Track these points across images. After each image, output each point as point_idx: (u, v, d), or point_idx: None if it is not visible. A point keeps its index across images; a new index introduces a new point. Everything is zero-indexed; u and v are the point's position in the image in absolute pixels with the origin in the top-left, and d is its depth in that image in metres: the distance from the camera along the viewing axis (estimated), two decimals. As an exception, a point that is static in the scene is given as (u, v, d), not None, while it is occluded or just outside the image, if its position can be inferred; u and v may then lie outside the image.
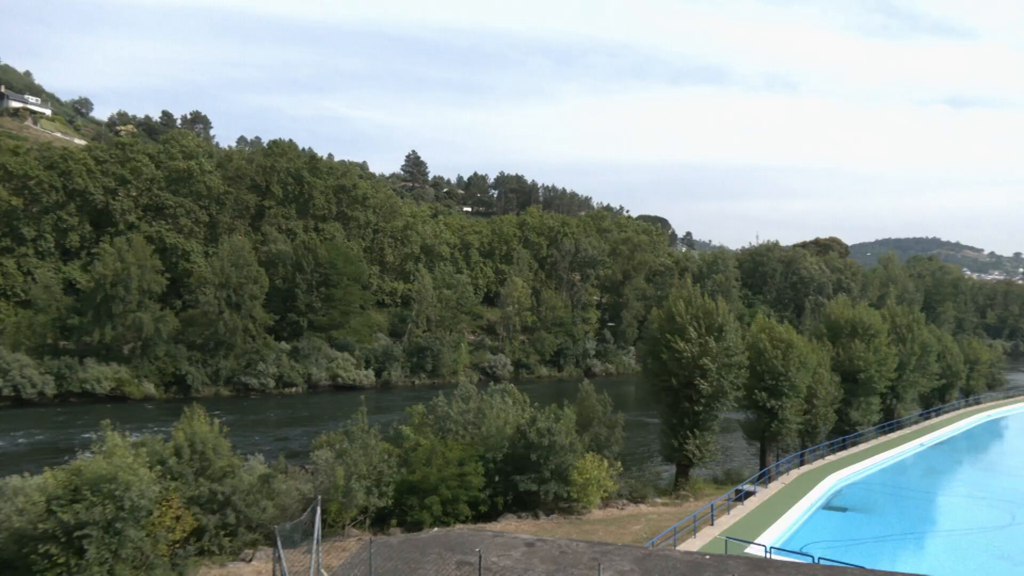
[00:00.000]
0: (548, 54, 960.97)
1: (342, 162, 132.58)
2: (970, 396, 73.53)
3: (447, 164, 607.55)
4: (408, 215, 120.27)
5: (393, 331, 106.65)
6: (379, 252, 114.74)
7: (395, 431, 37.83)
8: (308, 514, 22.88)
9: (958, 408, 66.82)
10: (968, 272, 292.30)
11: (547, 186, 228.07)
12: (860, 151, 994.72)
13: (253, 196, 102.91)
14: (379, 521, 32.78)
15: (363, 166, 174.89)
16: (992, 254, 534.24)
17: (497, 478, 35.30)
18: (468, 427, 38.79)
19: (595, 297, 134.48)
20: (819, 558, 23.15)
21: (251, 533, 28.69)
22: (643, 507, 37.90)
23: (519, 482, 34.81)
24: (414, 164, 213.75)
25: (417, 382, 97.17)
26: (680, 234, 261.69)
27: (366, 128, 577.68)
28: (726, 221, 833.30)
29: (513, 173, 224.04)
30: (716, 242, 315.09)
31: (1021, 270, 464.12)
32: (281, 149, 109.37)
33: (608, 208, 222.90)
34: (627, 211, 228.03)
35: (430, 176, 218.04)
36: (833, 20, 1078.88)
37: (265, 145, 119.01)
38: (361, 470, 30.51)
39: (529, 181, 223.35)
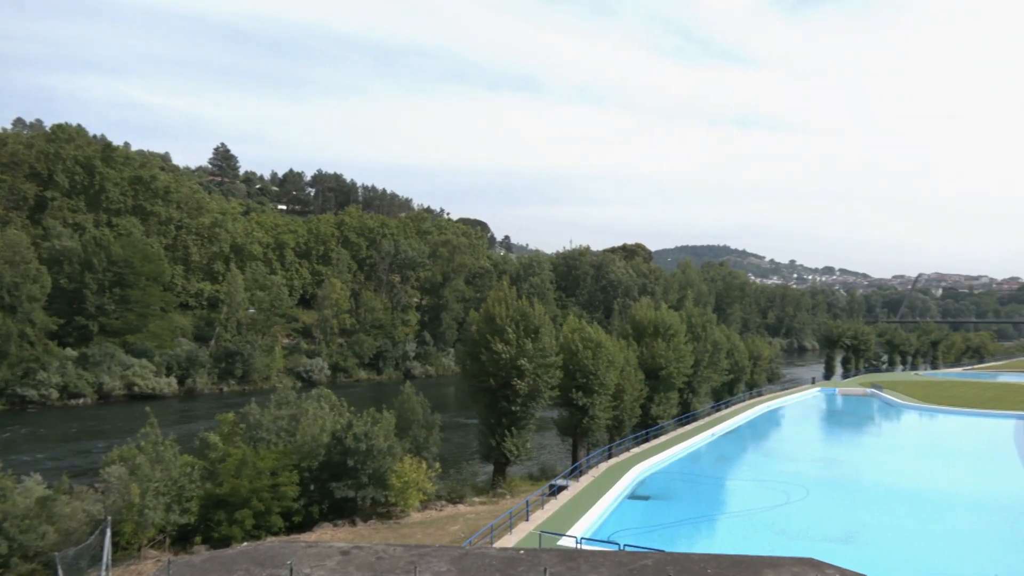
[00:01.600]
0: (367, 51, 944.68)
1: (140, 152, 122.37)
2: (753, 389, 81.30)
3: (260, 159, 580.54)
4: (216, 211, 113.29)
5: (199, 335, 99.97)
6: (183, 250, 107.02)
7: (201, 441, 35.40)
8: (97, 537, 20.85)
9: (744, 400, 73.60)
10: (752, 277, 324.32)
11: (367, 186, 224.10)
12: (662, 163, 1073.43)
13: (32, 185, 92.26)
14: (182, 540, 30.51)
15: (165, 157, 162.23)
16: (772, 261, 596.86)
17: (312, 486, 34.12)
18: (282, 434, 37.19)
19: (415, 299, 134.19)
20: (624, 545, 24.56)
21: (27, 563, 25.59)
22: (461, 507, 38.25)
23: (335, 489, 33.87)
24: (223, 158, 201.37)
25: (226, 389, 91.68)
26: (499, 237, 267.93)
27: (168, 117, 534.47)
28: (542, 226, 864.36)
29: (331, 171, 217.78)
30: (533, 246, 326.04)
31: (795, 275, 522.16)
32: (67, 134, 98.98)
33: (428, 210, 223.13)
34: (447, 213, 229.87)
35: (241, 171, 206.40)
36: (637, 39, 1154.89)
37: (48, 129, 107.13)
38: (159, 486, 28.24)
39: (348, 180, 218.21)
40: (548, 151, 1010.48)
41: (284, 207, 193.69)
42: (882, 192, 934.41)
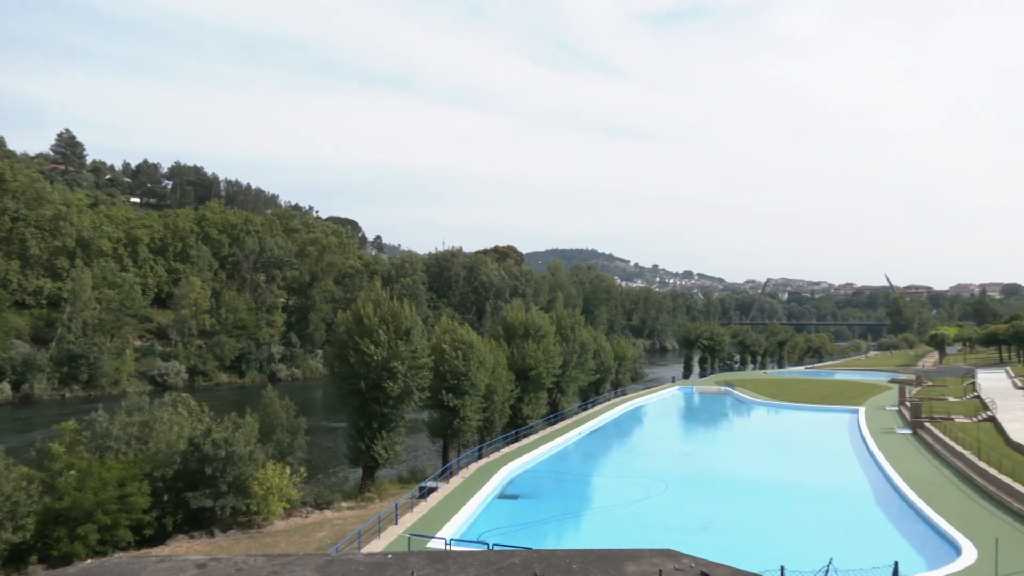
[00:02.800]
0: (230, 39, 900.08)
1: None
2: (618, 388, 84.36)
3: (110, 148, 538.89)
4: (59, 203, 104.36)
5: (37, 336, 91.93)
6: (20, 244, 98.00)
7: (39, 452, 32.56)
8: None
9: (609, 399, 76.16)
10: (618, 280, 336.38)
11: (230, 180, 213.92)
12: (533, 168, 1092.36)
13: None
14: (15, 560, 27.96)
15: None
16: (636, 265, 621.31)
17: (166, 497, 32.19)
18: (133, 443, 34.85)
19: (281, 299, 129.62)
20: (493, 544, 24.80)
21: None
22: (328, 513, 37.32)
23: (191, 499, 32.12)
24: (68, 144, 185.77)
25: (68, 394, 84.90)
26: (370, 237, 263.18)
27: (2, 97, 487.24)
28: (415, 226, 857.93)
29: (191, 164, 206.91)
30: (405, 246, 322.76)
31: (658, 279, 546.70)
32: None
33: (296, 208, 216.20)
34: (316, 212, 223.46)
35: (88, 160, 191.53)
36: (510, 45, 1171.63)
37: None
38: (-11, 502, 25.75)
39: (209, 173, 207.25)
40: (421, 151, 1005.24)
41: (137, 200, 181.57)
42: (736, 201, 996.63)
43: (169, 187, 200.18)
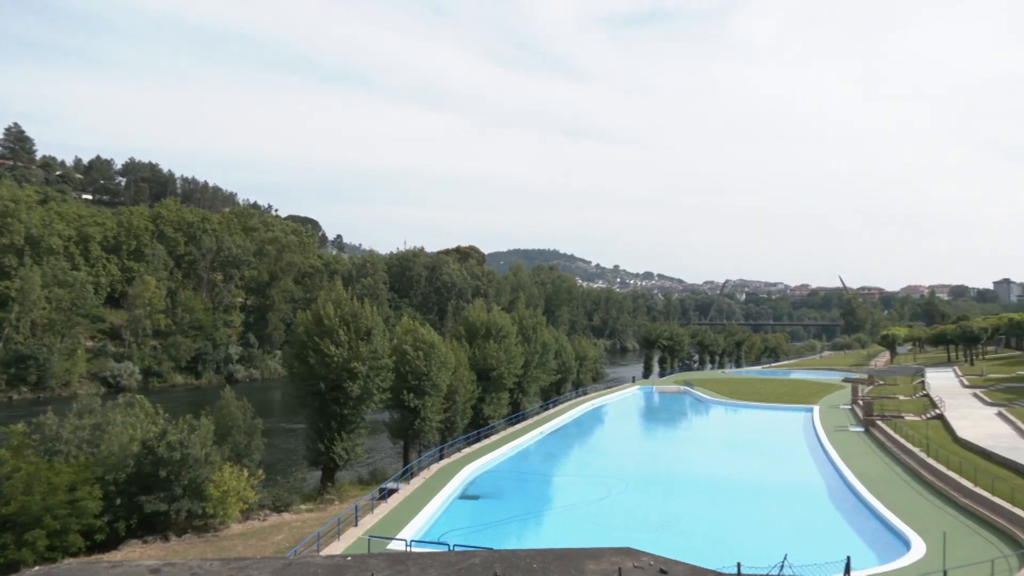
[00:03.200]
0: (185, 33, 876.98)
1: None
2: (579, 388, 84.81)
3: (62, 143, 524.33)
4: (7, 199, 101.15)
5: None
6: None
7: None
8: None
9: (570, 399, 76.50)
10: (580, 281, 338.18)
11: (186, 177, 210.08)
12: (497, 168, 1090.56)
13: None
14: (-43, 567, 27.02)
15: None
16: (598, 266, 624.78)
17: (119, 501, 31.44)
18: (84, 446, 33.96)
19: (239, 299, 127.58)
20: (454, 545, 24.76)
21: None
22: (287, 516, 36.84)
23: (145, 503, 31.43)
24: (16, 139, 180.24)
25: (16, 397, 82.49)
26: (331, 236, 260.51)
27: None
28: (376, 226, 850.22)
29: (146, 160, 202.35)
30: (366, 246, 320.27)
31: (619, 280, 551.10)
32: None
33: (255, 206, 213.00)
34: (276, 210, 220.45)
35: (38, 155, 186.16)
36: (473, 45, 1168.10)
37: None
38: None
39: (165, 170, 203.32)
40: (383, 150, 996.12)
41: (90, 197, 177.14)
42: (695, 203, 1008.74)
43: (123, 184, 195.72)
